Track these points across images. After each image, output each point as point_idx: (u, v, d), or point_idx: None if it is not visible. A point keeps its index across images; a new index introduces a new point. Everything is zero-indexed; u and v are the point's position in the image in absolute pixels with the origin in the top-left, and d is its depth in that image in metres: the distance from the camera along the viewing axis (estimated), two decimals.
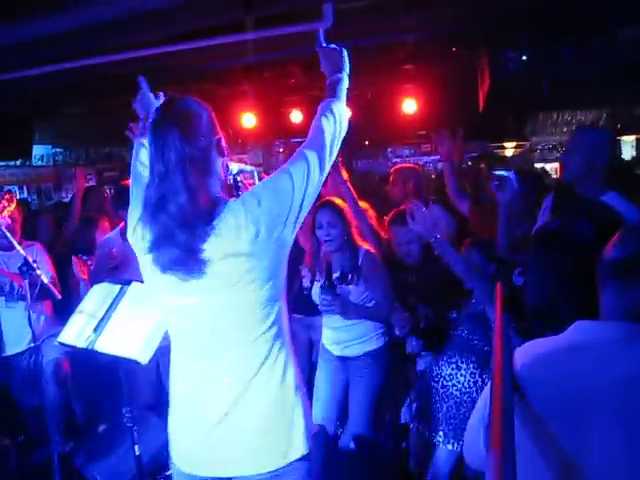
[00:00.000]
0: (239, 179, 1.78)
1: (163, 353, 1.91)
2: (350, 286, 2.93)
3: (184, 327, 1.63)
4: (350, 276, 2.92)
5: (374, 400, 3.01)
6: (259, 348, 1.58)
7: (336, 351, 3.09)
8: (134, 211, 1.69)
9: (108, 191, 5.98)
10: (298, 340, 3.41)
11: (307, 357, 3.69)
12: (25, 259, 2.90)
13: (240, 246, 1.50)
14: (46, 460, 3.29)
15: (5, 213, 2.95)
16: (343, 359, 3.08)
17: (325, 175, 1.63)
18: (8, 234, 2.85)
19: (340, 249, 2.96)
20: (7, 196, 3.15)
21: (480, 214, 3.38)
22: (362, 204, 3.21)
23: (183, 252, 1.49)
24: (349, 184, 3.13)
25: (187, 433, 1.67)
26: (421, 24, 3.88)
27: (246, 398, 1.58)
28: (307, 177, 1.57)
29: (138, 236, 1.62)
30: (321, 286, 2.79)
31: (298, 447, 1.62)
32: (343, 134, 1.71)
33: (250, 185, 1.84)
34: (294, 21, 3.07)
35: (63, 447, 3.54)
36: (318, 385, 3.15)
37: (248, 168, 1.90)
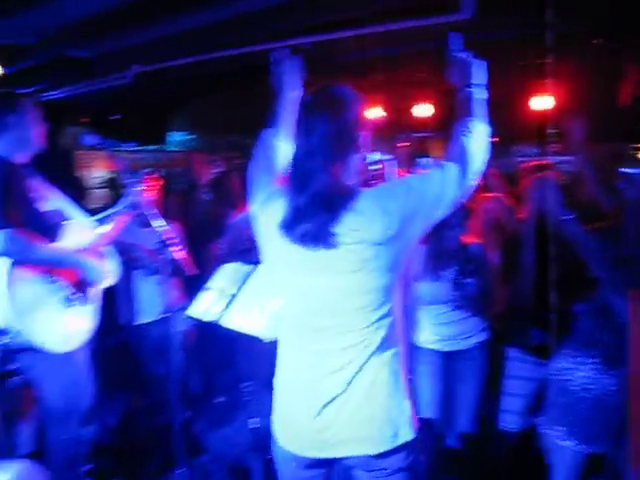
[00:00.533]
0: (374, 168, 1.81)
1: None
2: (468, 280, 2.94)
3: (303, 307, 1.68)
4: (469, 270, 2.93)
5: (481, 395, 3.02)
6: (374, 334, 1.62)
7: (445, 347, 3.06)
8: (261, 192, 1.76)
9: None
10: None
11: None
12: (164, 235, 3.10)
13: (371, 234, 1.54)
14: (167, 425, 3.54)
15: (150, 192, 3.18)
16: (448, 355, 3.06)
17: (463, 192, 1.64)
18: (152, 211, 3.06)
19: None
20: (152, 175, 3.40)
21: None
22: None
23: (318, 230, 1.54)
24: None
25: (296, 414, 1.71)
26: (563, 17, 3.67)
27: (357, 381, 1.62)
28: (443, 188, 1.60)
29: (269, 215, 1.69)
30: (453, 281, 2.79)
31: (405, 432, 1.65)
32: (483, 154, 1.68)
33: (382, 175, 1.86)
34: (432, 13, 3.04)
35: (183, 414, 3.77)
36: (420, 382, 3.13)
37: (384, 158, 1.92)
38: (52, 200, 2.78)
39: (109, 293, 4.08)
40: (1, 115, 2.60)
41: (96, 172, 8.41)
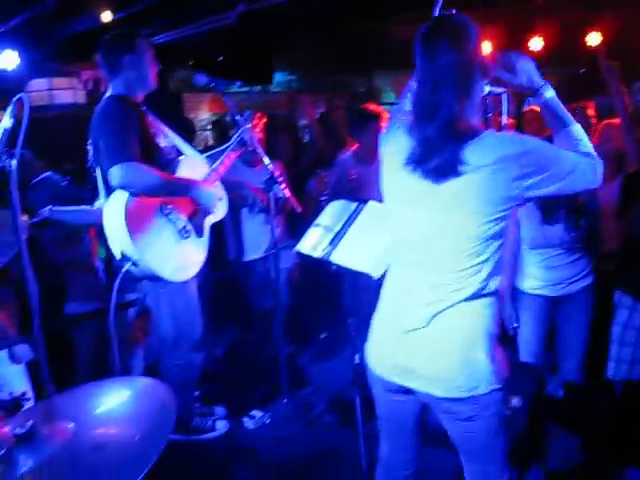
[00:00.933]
0: (489, 100, 1.72)
1: None
2: (582, 220, 2.83)
3: (405, 240, 1.70)
4: (583, 210, 2.82)
5: (587, 341, 2.94)
6: (466, 280, 1.60)
7: (551, 292, 2.96)
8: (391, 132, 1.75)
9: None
10: None
11: None
12: (271, 173, 3.16)
13: (487, 179, 1.50)
14: (272, 357, 3.69)
15: (257, 130, 3.23)
16: (554, 300, 2.96)
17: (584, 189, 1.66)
18: (260, 149, 3.12)
19: None
20: (259, 114, 3.44)
21: None
22: None
23: (442, 162, 1.52)
24: None
25: (382, 338, 1.77)
26: None
27: (439, 321, 1.62)
28: (571, 176, 1.58)
29: (392, 148, 1.68)
30: (567, 222, 2.68)
31: (481, 385, 1.62)
32: (590, 160, 1.63)
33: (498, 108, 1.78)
34: None
35: (288, 348, 3.91)
36: (524, 328, 3.05)
37: (499, 90, 1.81)
38: (167, 137, 2.90)
39: (218, 230, 4.29)
40: (120, 54, 2.72)
41: (202, 114, 8.70)
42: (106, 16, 4.76)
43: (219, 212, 2.99)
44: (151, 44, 2.86)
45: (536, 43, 6.29)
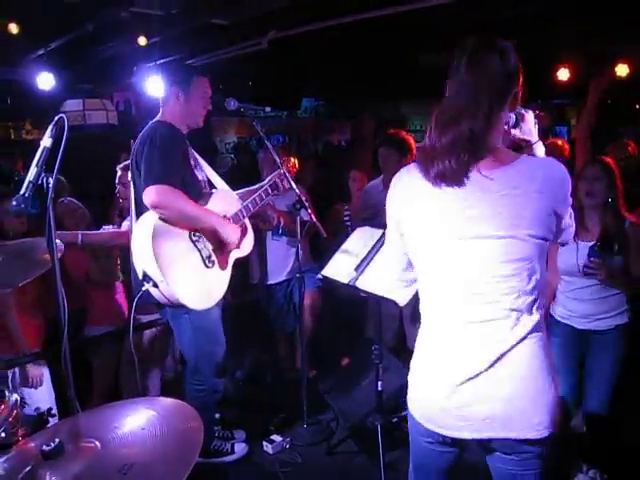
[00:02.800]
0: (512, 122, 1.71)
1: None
2: (618, 257, 2.75)
3: (447, 274, 1.59)
4: (617, 243, 2.75)
5: (617, 377, 2.83)
6: (522, 307, 1.53)
7: (580, 324, 2.90)
8: None
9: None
10: None
11: None
12: (299, 197, 3.18)
13: (523, 199, 1.47)
14: (294, 382, 3.67)
15: (291, 174, 3.25)
16: (585, 333, 2.90)
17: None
18: (287, 175, 3.14)
19: (601, 208, 2.80)
20: (292, 162, 3.49)
21: None
22: None
23: (455, 171, 1.49)
24: None
25: (433, 388, 1.64)
26: None
27: (504, 360, 1.53)
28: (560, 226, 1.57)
29: (410, 188, 1.63)
30: (591, 247, 2.63)
31: (549, 421, 1.55)
32: None
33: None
34: None
35: (310, 372, 3.90)
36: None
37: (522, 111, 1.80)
38: (203, 170, 2.94)
39: None
40: (176, 85, 2.77)
41: (229, 137, 8.85)
42: (141, 41, 4.89)
43: (245, 248, 3.00)
44: (209, 85, 2.91)
45: (563, 74, 6.30)
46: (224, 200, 2.92)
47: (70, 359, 1.93)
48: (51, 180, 1.74)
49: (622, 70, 6.37)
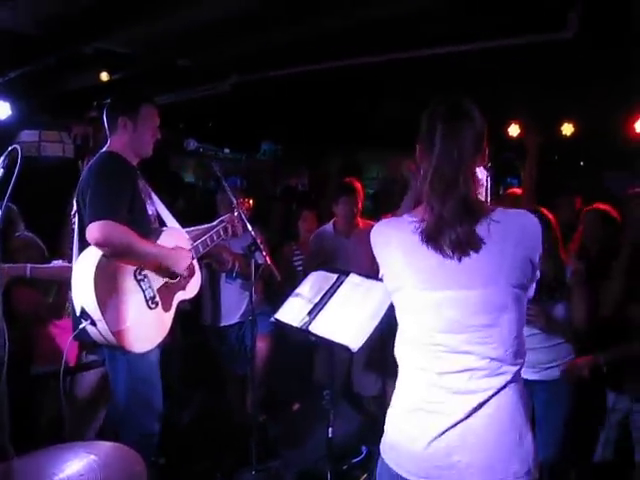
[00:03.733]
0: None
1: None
2: (559, 304, 2.84)
3: (429, 323, 1.61)
4: (559, 292, 2.83)
5: (568, 427, 2.87)
6: (503, 355, 1.56)
7: (529, 375, 2.93)
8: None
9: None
10: None
11: None
12: (254, 239, 3.17)
13: (501, 251, 1.54)
14: (243, 426, 3.59)
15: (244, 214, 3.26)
16: (534, 383, 2.91)
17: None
18: (244, 217, 3.14)
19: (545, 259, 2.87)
20: (247, 203, 3.52)
21: None
22: None
23: (467, 235, 1.53)
24: None
25: (412, 436, 1.63)
26: None
27: (483, 410, 1.55)
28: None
29: (393, 238, 1.67)
30: (534, 299, 2.69)
31: (528, 468, 1.56)
32: None
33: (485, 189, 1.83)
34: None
35: (259, 417, 3.82)
36: None
37: (480, 174, 1.88)
38: (154, 205, 2.85)
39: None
40: (122, 114, 2.70)
41: (187, 176, 8.80)
42: (103, 76, 4.88)
43: (191, 291, 2.89)
44: (157, 113, 2.84)
45: (513, 129, 6.61)
46: (174, 238, 2.82)
47: (9, 400, 1.84)
48: None
49: (567, 129, 6.76)
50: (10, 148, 1.72)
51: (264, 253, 3.19)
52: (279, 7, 3.46)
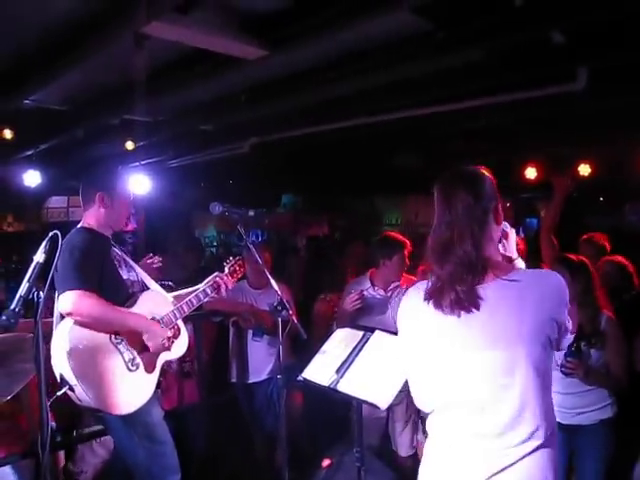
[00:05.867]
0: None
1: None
2: (591, 350, 2.85)
3: (450, 384, 1.66)
4: (594, 340, 2.84)
5: (607, 472, 2.84)
6: (530, 414, 1.58)
7: (565, 419, 2.91)
8: None
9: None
10: None
11: None
12: (280, 298, 3.21)
13: (522, 311, 1.57)
14: None
15: (234, 278, 3.29)
16: (569, 428, 2.90)
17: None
18: (267, 274, 3.20)
19: (576, 307, 2.84)
20: (239, 261, 3.45)
21: None
22: None
23: (466, 294, 1.59)
24: None
25: None
26: None
27: (515, 466, 1.57)
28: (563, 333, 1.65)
29: (414, 310, 1.75)
30: (568, 346, 2.70)
31: None
32: None
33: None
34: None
35: (289, 473, 3.79)
36: None
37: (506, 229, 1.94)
38: (132, 270, 2.89)
39: (221, 352, 4.30)
40: (96, 189, 2.75)
41: (209, 230, 9.01)
42: (129, 145, 5.09)
43: (176, 351, 2.89)
44: (129, 193, 2.94)
45: (530, 172, 6.69)
46: (153, 301, 2.85)
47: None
48: (42, 295, 1.79)
49: (584, 170, 6.80)
50: (51, 234, 1.82)
51: (290, 311, 3.23)
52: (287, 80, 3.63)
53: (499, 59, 3.16)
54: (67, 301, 2.46)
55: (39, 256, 1.84)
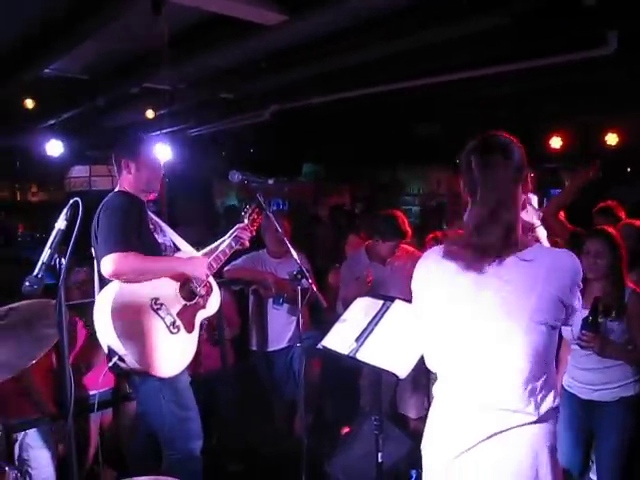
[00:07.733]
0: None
1: None
2: (614, 323, 2.77)
3: (459, 348, 1.67)
4: (615, 312, 2.77)
5: (626, 453, 2.78)
6: (527, 385, 1.58)
7: (584, 394, 2.89)
8: None
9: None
10: None
11: None
12: (300, 267, 3.22)
13: (528, 287, 1.57)
14: (293, 450, 3.62)
15: (253, 228, 3.29)
16: (590, 404, 2.88)
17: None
18: (287, 243, 3.20)
19: (603, 279, 2.83)
20: (257, 210, 3.35)
21: None
22: None
23: (493, 264, 1.58)
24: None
25: (439, 450, 1.72)
26: None
27: (503, 434, 1.59)
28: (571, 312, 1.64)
29: (435, 274, 1.72)
30: (584, 319, 2.66)
31: None
32: None
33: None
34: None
35: (309, 440, 3.84)
36: (559, 431, 2.97)
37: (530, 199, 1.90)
38: (166, 235, 2.94)
39: (242, 320, 4.34)
40: (124, 157, 2.83)
41: (230, 199, 9.02)
42: (149, 114, 5.09)
43: (211, 308, 2.96)
44: (154, 157, 2.97)
45: (556, 142, 6.55)
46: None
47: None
48: (64, 261, 1.81)
49: (612, 139, 6.63)
50: (72, 201, 1.83)
51: (310, 280, 3.24)
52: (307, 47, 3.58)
53: (526, 24, 3.07)
54: (109, 264, 2.52)
55: (60, 223, 1.85)
